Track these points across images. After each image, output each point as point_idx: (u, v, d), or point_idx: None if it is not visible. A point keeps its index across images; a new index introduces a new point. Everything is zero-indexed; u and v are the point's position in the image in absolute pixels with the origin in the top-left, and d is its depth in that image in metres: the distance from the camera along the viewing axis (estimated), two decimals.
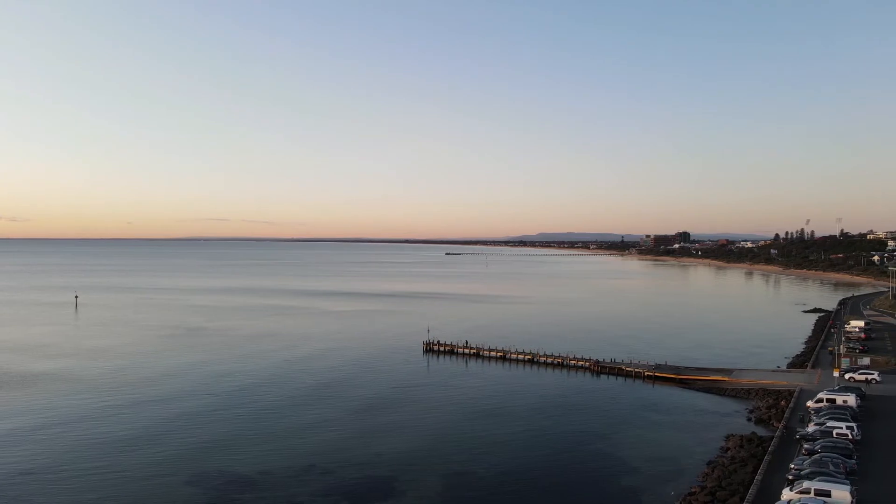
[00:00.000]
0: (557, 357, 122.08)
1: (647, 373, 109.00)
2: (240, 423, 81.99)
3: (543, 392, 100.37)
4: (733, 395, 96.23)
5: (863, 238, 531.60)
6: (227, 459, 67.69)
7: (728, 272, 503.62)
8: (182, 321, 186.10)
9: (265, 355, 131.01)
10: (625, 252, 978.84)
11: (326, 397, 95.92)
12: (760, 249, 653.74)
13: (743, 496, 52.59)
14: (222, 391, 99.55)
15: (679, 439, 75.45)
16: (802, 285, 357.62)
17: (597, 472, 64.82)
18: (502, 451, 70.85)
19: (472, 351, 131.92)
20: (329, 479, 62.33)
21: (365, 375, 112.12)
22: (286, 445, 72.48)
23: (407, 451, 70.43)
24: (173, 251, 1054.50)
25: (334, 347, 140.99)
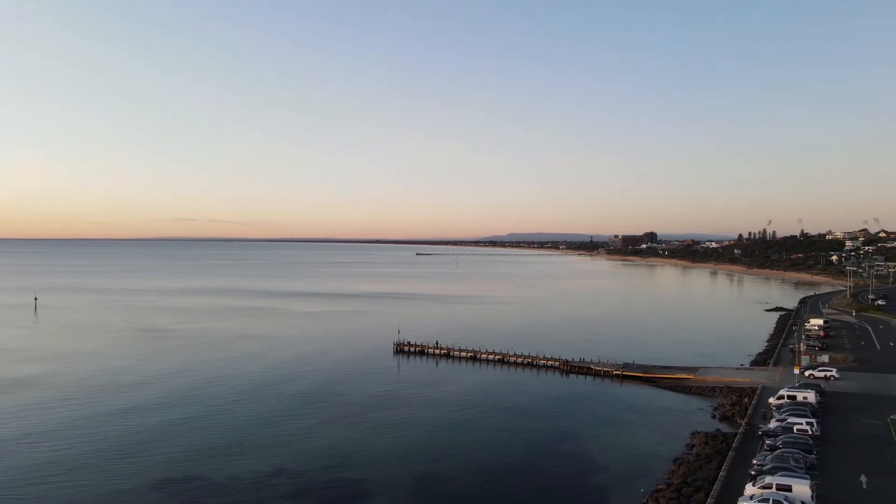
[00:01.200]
0: (527, 357, 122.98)
1: (616, 372, 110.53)
2: (206, 427, 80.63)
3: (513, 392, 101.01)
4: (699, 392, 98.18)
5: (822, 238, 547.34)
6: (195, 465, 66.54)
7: (693, 272, 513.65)
8: (145, 323, 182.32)
9: (232, 357, 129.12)
10: (593, 252, 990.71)
11: (295, 399, 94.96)
12: (725, 249, 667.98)
13: (708, 492, 53.71)
14: (188, 395, 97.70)
15: (646, 437, 76.71)
16: (765, 284, 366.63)
17: (566, 470, 65.48)
18: (473, 452, 71.10)
19: (442, 351, 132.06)
20: (298, 482, 61.77)
21: (334, 377, 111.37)
22: (254, 449, 71.55)
23: (377, 453, 70.19)
24: (139, 251, 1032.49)
25: (303, 349, 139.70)
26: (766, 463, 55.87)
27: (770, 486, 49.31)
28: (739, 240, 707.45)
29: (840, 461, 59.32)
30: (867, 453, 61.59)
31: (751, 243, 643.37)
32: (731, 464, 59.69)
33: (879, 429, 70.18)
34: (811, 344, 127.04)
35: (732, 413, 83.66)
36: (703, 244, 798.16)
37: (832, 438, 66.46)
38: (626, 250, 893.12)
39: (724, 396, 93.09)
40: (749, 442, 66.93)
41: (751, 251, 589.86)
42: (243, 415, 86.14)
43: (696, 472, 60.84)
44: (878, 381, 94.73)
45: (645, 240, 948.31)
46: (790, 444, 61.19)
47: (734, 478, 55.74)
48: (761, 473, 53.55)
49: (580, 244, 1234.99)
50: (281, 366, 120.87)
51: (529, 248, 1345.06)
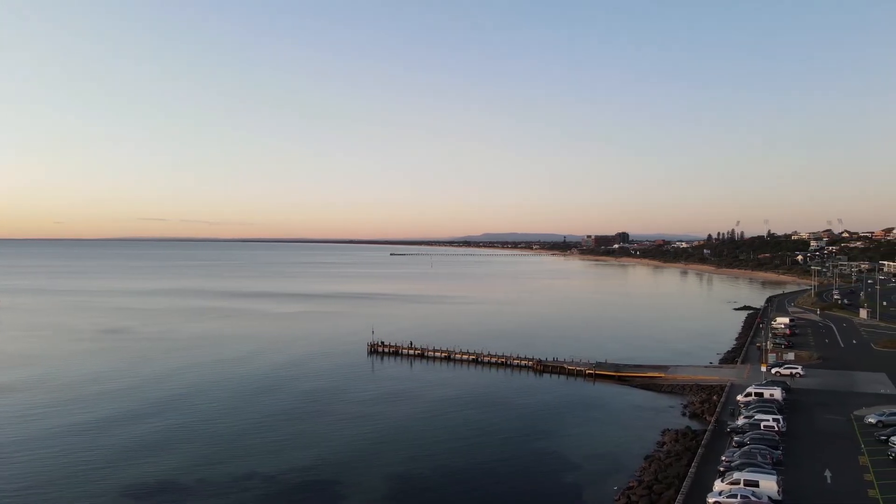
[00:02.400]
0: (501, 357, 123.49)
1: (588, 371, 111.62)
2: (175, 430, 79.36)
3: (487, 392, 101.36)
4: (669, 390, 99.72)
5: (788, 239, 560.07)
6: (164, 468, 65.43)
7: (664, 271, 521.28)
8: (111, 325, 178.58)
9: (202, 359, 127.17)
10: (567, 252, 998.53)
11: (267, 401, 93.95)
12: (694, 249, 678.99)
13: (678, 489, 54.55)
14: (155, 400, 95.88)
15: (618, 435, 77.65)
16: (733, 284, 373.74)
17: (540, 469, 65.95)
18: (447, 452, 71.16)
19: (416, 352, 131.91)
20: (271, 484, 61.14)
21: (308, 378, 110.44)
22: (225, 452, 70.62)
23: (351, 454, 69.83)
24: (106, 252, 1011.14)
25: (275, 350, 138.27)
26: (734, 459, 57.01)
27: (738, 482, 50.32)
28: (709, 240, 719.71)
29: (805, 456, 60.74)
30: (831, 449, 63.18)
31: (720, 243, 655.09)
32: (701, 460, 60.72)
33: (843, 424, 72.04)
34: (777, 342, 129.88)
35: (702, 410, 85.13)
36: (674, 244, 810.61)
37: (798, 434, 68.03)
38: (599, 250, 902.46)
39: (694, 394, 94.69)
40: (718, 439, 68.18)
41: (720, 251, 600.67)
42: (213, 418, 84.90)
43: (667, 469, 61.78)
44: (842, 378, 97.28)
45: (617, 240, 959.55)
46: (757, 440, 62.53)
47: (703, 474, 56.72)
48: (729, 469, 54.60)
49: (554, 244, 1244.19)
50: (251, 368, 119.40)
51: (503, 249, 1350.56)
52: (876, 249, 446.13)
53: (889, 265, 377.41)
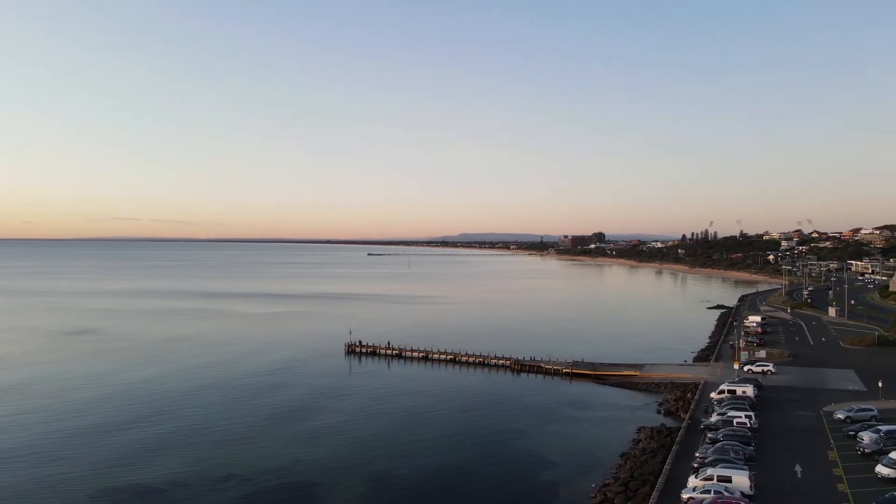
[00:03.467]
0: (478, 356, 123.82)
1: (565, 370, 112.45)
2: (150, 432, 78.17)
3: (465, 391, 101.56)
4: (644, 389, 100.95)
5: (759, 239, 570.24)
6: (139, 472, 64.41)
7: (640, 271, 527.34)
8: (83, 326, 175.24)
9: (177, 361, 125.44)
10: (544, 252, 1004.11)
11: (244, 403, 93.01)
12: (669, 249, 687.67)
13: (653, 485, 55.25)
14: (129, 401, 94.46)
15: (595, 433, 78.40)
16: (707, 283, 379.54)
17: (518, 467, 66.30)
18: (425, 451, 71.18)
19: (394, 352, 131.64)
20: (247, 487, 60.54)
21: (284, 379, 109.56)
22: (201, 454, 69.77)
23: (328, 456, 69.47)
24: (77, 252, 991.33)
25: (251, 351, 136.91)
26: (708, 455, 57.88)
27: (711, 478, 51.13)
28: (683, 240, 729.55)
29: (776, 452, 61.93)
30: (801, 444, 64.52)
31: (694, 243, 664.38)
32: (675, 457, 61.57)
33: (813, 420, 73.63)
34: (750, 340, 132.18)
35: (676, 408, 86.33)
36: (649, 244, 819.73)
37: (769, 430, 69.34)
38: (576, 250, 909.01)
39: (669, 392, 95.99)
40: (692, 435, 69.18)
41: (694, 251, 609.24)
42: (187, 420, 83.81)
43: (643, 465, 62.55)
44: (812, 375, 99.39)
45: (594, 240, 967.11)
46: (730, 436, 63.58)
47: (678, 470, 57.51)
48: (703, 466, 55.45)
49: (531, 244, 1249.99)
50: (227, 368, 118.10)
51: (481, 249, 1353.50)
52: (844, 249, 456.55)
53: (857, 265, 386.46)
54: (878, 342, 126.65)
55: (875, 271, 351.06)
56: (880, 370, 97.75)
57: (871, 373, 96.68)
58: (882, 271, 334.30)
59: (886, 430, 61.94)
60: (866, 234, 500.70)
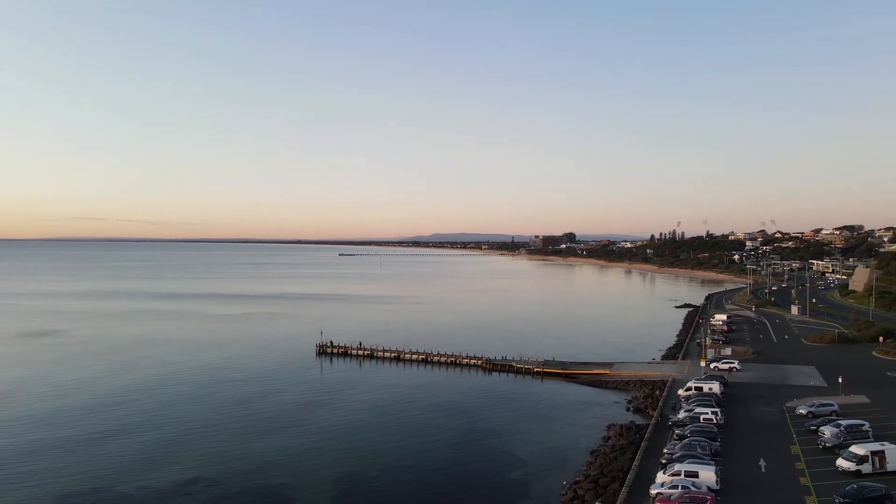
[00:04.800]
0: (450, 356, 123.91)
1: (536, 369, 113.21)
2: (114, 436, 76.45)
3: (437, 391, 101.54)
4: (614, 387, 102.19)
5: (725, 239, 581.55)
6: (103, 478, 62.94)
7: (610, 271, 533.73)
8: (43, 328, 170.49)
9: (142, 363, 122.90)
10: (515, 252, 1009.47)
11: (212, 405, 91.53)
12: (638, 249, 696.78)
13: (623, 481, 55.97)
14: (93, 405, 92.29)
15: (565, 431, 79.08)
16: (674, 282, 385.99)
17: (489, 466, 66.50)
18: (396, 452, 70.95)
19: (366, 352, 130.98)
20: (215, 490, 59.61)
21: (254, 380, 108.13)
22: (167, 458, 68.47)
23: (298, 457, 68.78)
24: (38, 252, 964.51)
25: (220, 352, 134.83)
26: (676, 451, 58.86)
27: (679, 473, 51.99)
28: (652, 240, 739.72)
29: (742, 447, 63.27)
30: (765, 439, 66.03)
31: (662, 243, 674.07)
32: (644, 454, 62.45)
33: (776, 416, 75.41)
34: (716, 338, 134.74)
35: (645, 405, 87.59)
36: (619, 244, 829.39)
37: (735, 426, 70.79)
38: (547, 250, 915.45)
39: (638, 390, 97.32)
40: (661, 432, 70.25)
41: (662, 251, 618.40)
42: (153, 423, 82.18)
43: (612, 462, 63.31)
44: (775, 372, 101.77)
45: (564, 240, 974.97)
46: (697, 432, 64.74)
47: (647, 467, 58.36)
48: (671, 461, 56.35)
49: (502, 244, 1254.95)
50: (193, 371, 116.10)
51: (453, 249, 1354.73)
52: (806, 249, 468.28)
53: (818, 264, 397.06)
54: (838, 339, 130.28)
55: (835, 270, 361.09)
56: (840, 366, 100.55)
57: (832, 369, 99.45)
58: (842, 271, 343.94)
59: (846, 425, 63.72)
60: (827, 235, 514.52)
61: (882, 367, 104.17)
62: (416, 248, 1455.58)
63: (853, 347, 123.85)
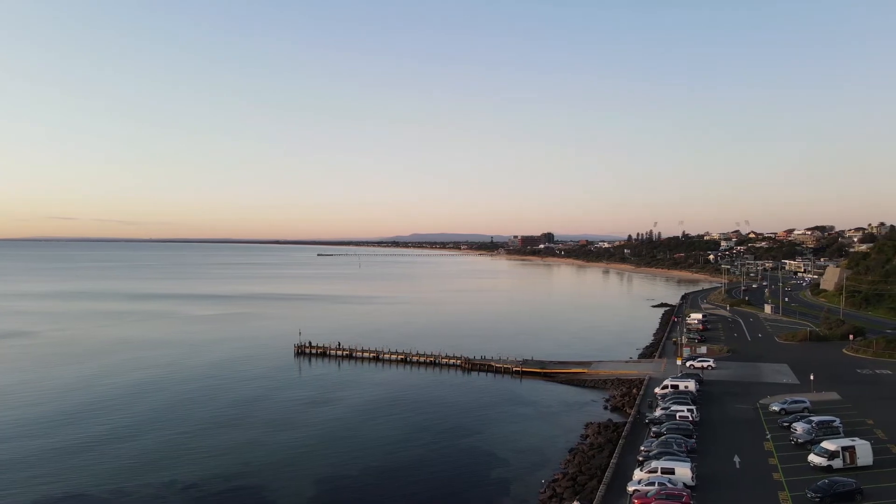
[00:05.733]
0: (429, 356, 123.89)
1: (515, 368, 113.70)
2: (89, 440, 75.12)
3: (416, 391, 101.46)
4: (592, 385, 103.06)
5: (700, 239, 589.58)
6: (76, 480, 61.84)
7: (588, 270, 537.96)
8: (13, 330, 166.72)
9: (118, 365, 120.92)
10: (494, 252, 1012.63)
11: (189, 407, 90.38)
12: (616, 249, 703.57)
13: (600, 479, 56.51)
14: (68, 406, 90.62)
15: (544, 430, 79.55)
16: (651, 282, 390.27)
17: (468, 465, 66.65)
18: (376, 452, 70.77)
19: (344, 352, 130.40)
20: (192, 493, 58.92)
21: (231, 382, 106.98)
22: (143, 461, 67.48)
23: (277, 458, 68.26)
24: (8, 253, 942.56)
25: (197, 354, 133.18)
26: (652, 449, 59.56)
27: (655, 471, 52.64)
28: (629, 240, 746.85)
29: (717, 444, 64.25)
30: (740, 435, 67.13)
31: (639, 243, 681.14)
32: (622, 451, 63.11)
33: (750, 413, 76.71)
34: (691, 336, 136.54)
35: (622, 403, 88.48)
36: (597, 244, 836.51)
37: (710, 423, 71.84)
38: (525, 250, 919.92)
39: (616, 388, 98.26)
40: (637, 430, 71.04)
41: (639, 251, 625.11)
42: (129, 425, 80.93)
43: (590, 460, 63.88)
44: (749, 370, 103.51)
45: (543, 240, 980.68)
46: (673, 430, 65.60)
47: (624, 464, 58.97)
48: (648, 459, 57.01)
49: (481, 244, 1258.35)
50: (170, 371, 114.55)
51: (432, 249, 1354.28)
52: (779, 249, 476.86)
53: (790, 264, 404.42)
54: (810, 337, 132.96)
55: (807, 270, 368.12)
56: (812, 364, 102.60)
57: (804, 367, 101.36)
58: (813, 270, 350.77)
59: (818, 421, 65.07)
60: (799, 235, 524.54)
61: (852, 364, 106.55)
62: (395, 248, 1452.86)
63: (824, 345, 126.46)
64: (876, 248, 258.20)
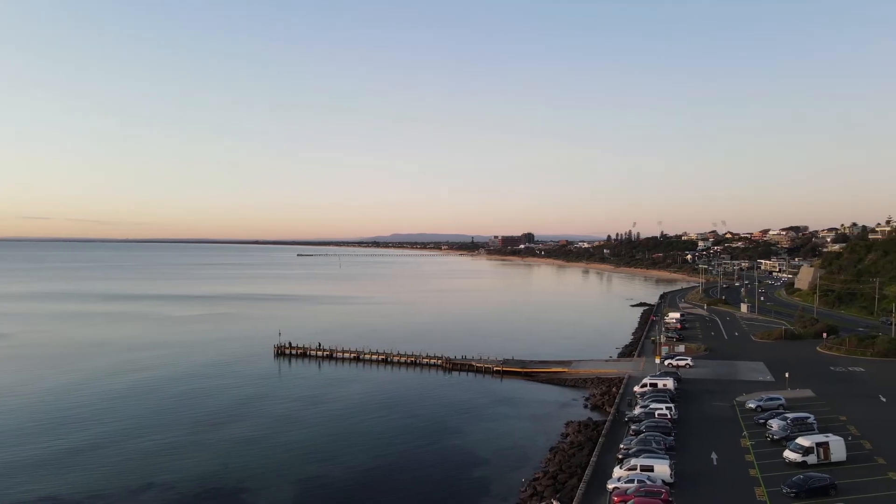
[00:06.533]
0: (410, 356, 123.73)
1: (496, 368, 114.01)
2: (65, 442, 73.86)
3: (397, 391, 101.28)
4: (572, 384, 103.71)
5: (678, 239, 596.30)
6: (54, 484, 60.75)
7: (568, 270, 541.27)
8: None
9: (94, 367, 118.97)
10: (475, 252, 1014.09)
11: (167, 409, 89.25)
12: (595, 249, 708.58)
13: (581, 477, 56.90)
14: (45, 409, 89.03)
15: (525, 429, 79.88)
16: (630, 281, 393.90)
17: (450, 465, 66.67)
18: (357, 452, 70.50)
19: (325, 353, 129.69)
20: (169, 495, 58.18)
21: (211, 383, 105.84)
22: (121, 464, 66.52)
23: (257, 460, 67.69)
24: None
25: (175, 355, 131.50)
26: (632, 446, 60.12)
27: (635, 468, 53.17)
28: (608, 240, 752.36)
29: (694, 441, 65.03)
30: (717, 433, 68.03)
31: (618, 244, 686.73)
32: (601, 449, 63.63)
33: (727, 410, 77.80)
34: (670, 335, 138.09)
35: (602, 402, 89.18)
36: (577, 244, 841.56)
37: (688, 420, 72.69)
38: (506, 250, 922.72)
39: (595, 387, 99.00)
40: (617, 428, 71.68)
41: (618, 251, 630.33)
42: (106, 428, 79.69)
43: (570, 458, 64.28)
44: (726, 368, 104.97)
45: (523, 240, 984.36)
46: (652, 427, 66.29)
47: (604, 462, 59.47)
48: (627, 456, 57.55)
49: (462, 245, 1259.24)
50: (148, 373, 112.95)
51: (413, 249, 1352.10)
52: (754, 249, 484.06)
53: (766, 263, 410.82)
54: (785, 336, 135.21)
55: (782, 269, 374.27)
56: (787, 362, 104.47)
57: (779, 365, 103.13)
58: (788, 270, 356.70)
59: (793, 418, 66.22)
60: (774, 235, 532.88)
61: (826, 361, 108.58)
62: (375, 248, 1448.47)
63: (799, 343, 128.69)
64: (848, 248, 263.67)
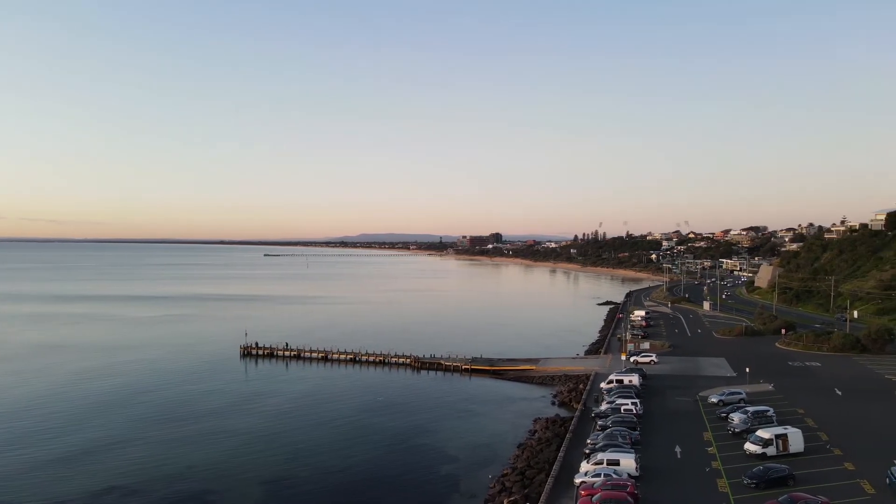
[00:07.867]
0: (379, 355, 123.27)
1: (465, 366, 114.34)
2: (23, 447, 71.52)
3: (366, 390, 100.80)
4: (540, 382, 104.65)
5: (643, 239, 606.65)
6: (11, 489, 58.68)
7: (535, 270, 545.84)
8: None
9: (52, 370, 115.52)
10: (443, 252, 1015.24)
11: (129, 412, 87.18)
12: (562, 249, 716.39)
13: (548, 472, 57.43)
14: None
15: (493, 426, 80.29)
16: (597, 280, 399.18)
17: (418, 464, 66.62)
18: (325, 452, 69.96)
19: (292, 353, 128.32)
20: (132, 499, 56.82)
21: (174, 385, 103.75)
22: (80, 469, 64.72)
23: (223, 461, 66.63)
24: None
25: (137, 357, 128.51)
26: (598, 441, 60.91)
27: (601, 462, 53.91)
28: (575, 240, 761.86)
29: (659, 435, 66.25)
30: (680, 427, 69.41)
31: (585, 243, 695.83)
32: (569, 445, 64.34)
33: (690, 405, 79.45)
34: (635, 333, 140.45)
35: (569, 399, 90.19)
36: (544, 244, 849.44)
37: (653, 415, 74.02)
38: (474, 250, 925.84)
39: (563, 384, 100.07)
40: (584, 423, 72.59)
41: (585, 250, 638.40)
42: (64, 432, 77.50)
43: (538, 454, 64.84)
44: (689, 364, 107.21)
45: (491, 240, 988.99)
46: (618, 423, 67.29)
47: (572, 457, 60.14)
48: (594, 451, 58.31)
49: (430, 244, 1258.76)
50: (109, 376, 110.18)
51: (381, 249, 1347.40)
52: (716, 249, 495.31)
53: (727, 263, 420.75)
54: (745, 332, 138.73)
55: (743, 268, 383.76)
56: (747, 357, 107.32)
57: (740, 360, 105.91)
58: (748, 269, 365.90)
59: (753, 411, 67.94)
60: (735, 235, 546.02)
61: (784, 357, 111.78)
62: (343, 248, 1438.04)
63: (759, 340, 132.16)
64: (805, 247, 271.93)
